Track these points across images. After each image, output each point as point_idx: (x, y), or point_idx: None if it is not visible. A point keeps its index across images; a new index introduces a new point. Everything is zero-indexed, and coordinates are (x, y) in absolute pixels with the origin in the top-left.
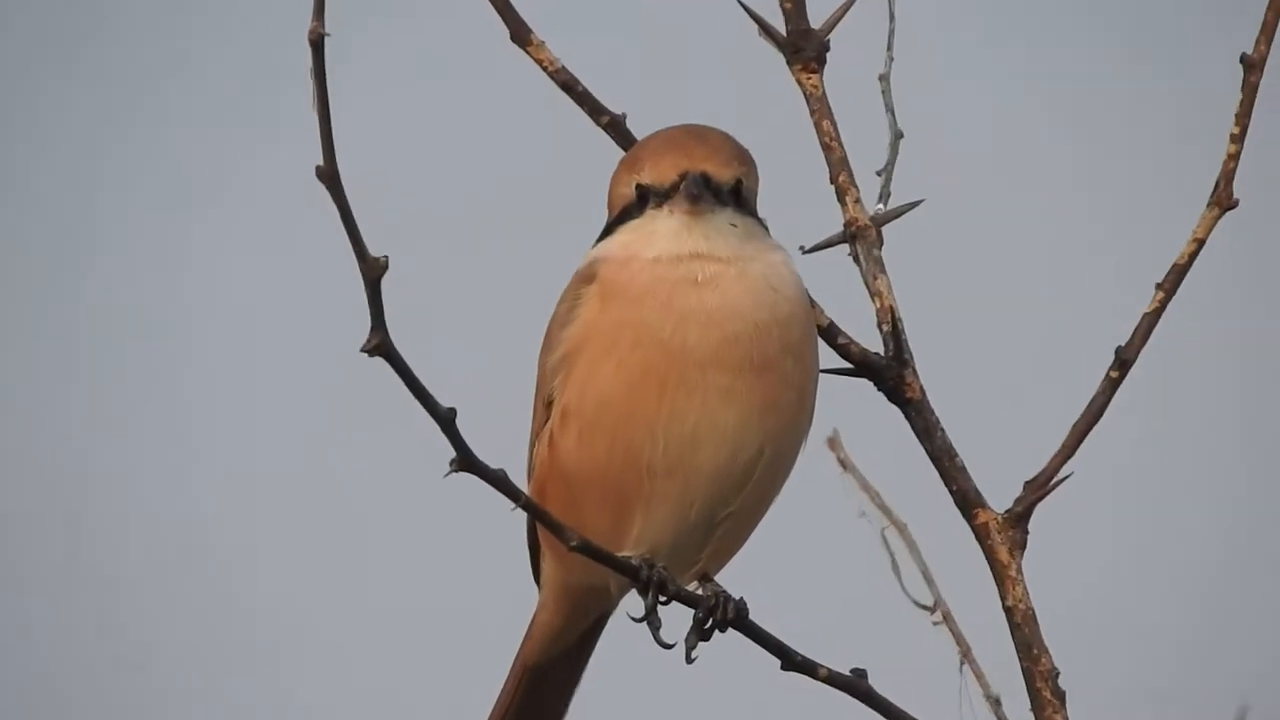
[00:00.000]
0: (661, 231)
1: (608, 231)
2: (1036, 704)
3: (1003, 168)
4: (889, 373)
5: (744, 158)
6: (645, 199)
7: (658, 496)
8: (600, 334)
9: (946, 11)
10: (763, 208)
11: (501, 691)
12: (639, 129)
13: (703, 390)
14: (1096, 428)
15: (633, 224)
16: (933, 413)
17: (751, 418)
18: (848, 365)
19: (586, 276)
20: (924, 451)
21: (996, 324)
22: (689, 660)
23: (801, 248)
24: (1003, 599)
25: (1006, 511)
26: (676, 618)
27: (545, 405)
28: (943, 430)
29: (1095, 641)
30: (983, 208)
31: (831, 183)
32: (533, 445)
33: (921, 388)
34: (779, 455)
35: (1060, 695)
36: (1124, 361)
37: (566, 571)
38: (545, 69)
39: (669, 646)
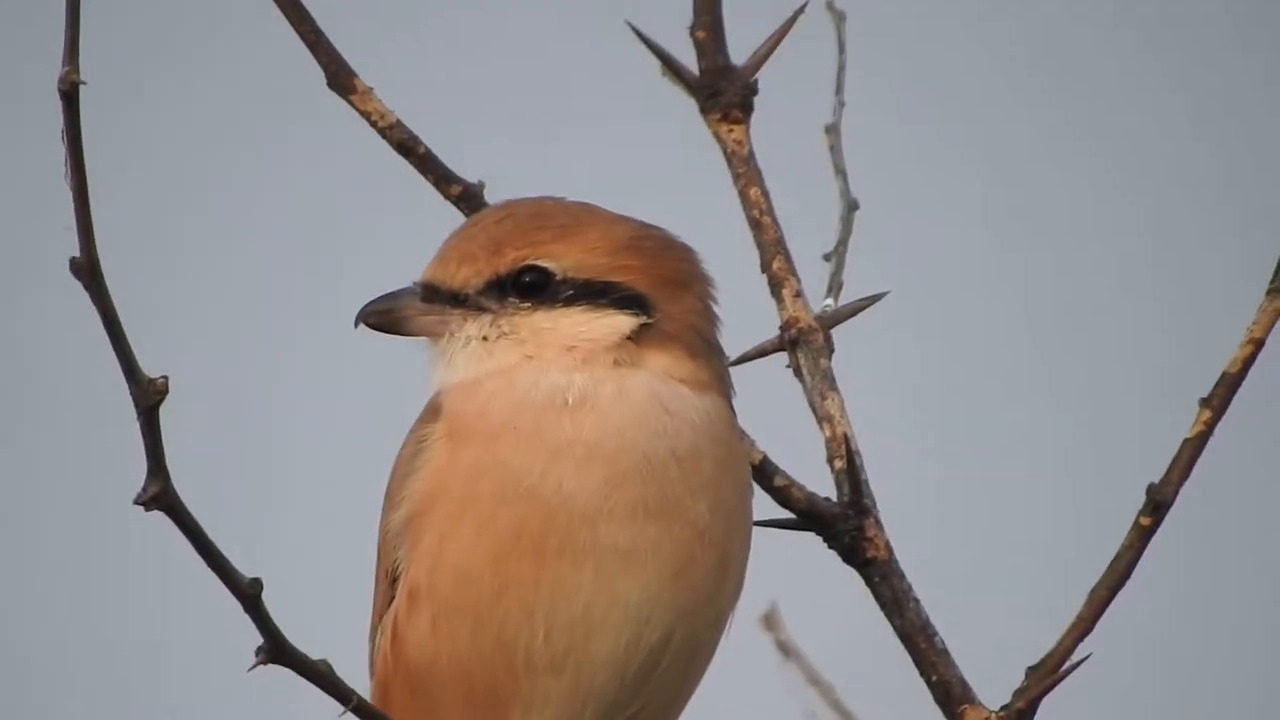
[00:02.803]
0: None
1: None
2: None
3: (990, 245)
4: (844, 524)
5: (522, 239)
6: None
7: (539, 698)
8: (452, 486)
9: (914, 37)
10: None
11: None
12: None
13: (595, 554)
14: (1123, 593)
15: None
16: (903, 577)
17: (659, 588)
18: (789, 515)
19: (431, 412)
20: (892, 629)
21: (984, 455)
22: None
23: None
24: None
25: (1003, 708)
26: None
27: (388, 582)
28: (916, 600)
29: None
30: (963, 300)
31: (763, 271)
32: (374, 633)
33: (887, 544)
34: (694, 637)
35: None
36: (1158, 504)
37: None
38: (374, 124)
39: None
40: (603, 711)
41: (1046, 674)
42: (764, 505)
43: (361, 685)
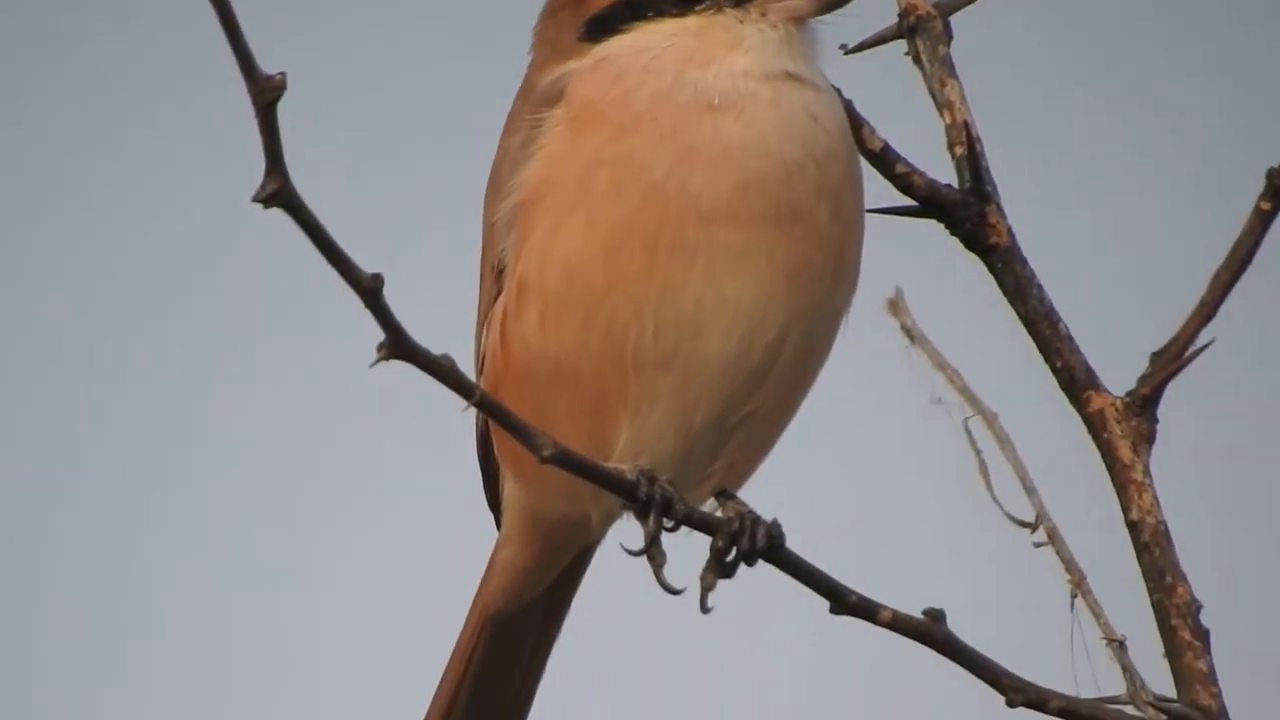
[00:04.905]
0: (755, 41)
1: (602, 29)
2: (1171, 648)
3: None
4: (966, 211)
5: None
6: None
7: (648, 396)
8: (567, 176)
9: None
10: None
11: (454, 651)
12: None
13: (707, 253)
14: (1244, 278)
15: (675, 24)
16: (1026, 264)
17: (773, 289)
18: (910, 203)
19: (549, 96)
20: (1016, 316)
21: (1105, 142)
22: (705, 609)
23: (843, 47)
24: (1125, 511)
25: (1128, 394)
26: (687, 551)
27: (495, 275)
28: (1040, 287)
29: (1246, 565)
30: None
31: None
32: (481, 330)
33: (1009, 230)
34: (809, 338)
35: (1203, 635)
36: (1278, 188)
37: (536, 494)
38: None
39: (677, 592)
40: (715, 411)
41: (1171, 360)
42: (885, 193)
43: None
